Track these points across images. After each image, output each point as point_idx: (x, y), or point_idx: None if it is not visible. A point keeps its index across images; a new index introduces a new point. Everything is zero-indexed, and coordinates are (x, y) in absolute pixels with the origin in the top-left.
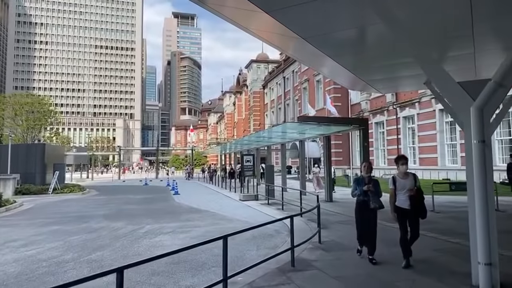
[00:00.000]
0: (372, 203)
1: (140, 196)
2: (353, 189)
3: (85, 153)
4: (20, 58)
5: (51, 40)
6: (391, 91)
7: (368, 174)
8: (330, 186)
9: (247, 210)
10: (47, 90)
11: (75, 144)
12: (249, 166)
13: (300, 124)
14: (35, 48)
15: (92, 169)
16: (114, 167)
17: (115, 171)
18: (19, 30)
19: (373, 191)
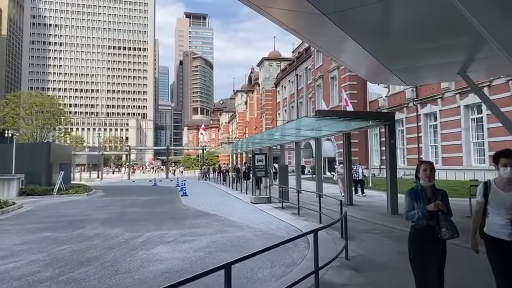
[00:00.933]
0: (444, 230)
1: (146, 198)
2: (407, 208)
3: (95, 152)
4: (35, 59)
5: (65, 41)
6: (418, 82)
7: (431, 182)
8: (351, 188)
9: (259, 215)
10: (61, 91)
11: (88, 144)
12: (261, 166)
13: (318, 119)
14: (50, 49)
15: (101, 169)
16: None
17: (124, 171)
18: (34, 31)
19: (445, 211)
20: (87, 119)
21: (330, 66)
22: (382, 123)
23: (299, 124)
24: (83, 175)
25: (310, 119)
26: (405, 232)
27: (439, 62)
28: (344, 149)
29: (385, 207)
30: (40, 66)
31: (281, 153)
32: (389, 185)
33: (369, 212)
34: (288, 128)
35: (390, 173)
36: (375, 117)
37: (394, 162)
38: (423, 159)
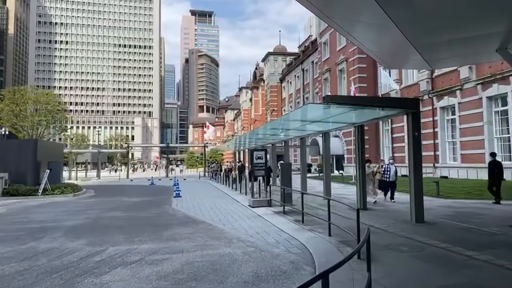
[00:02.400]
0: None
1: (135, 199)
2: None
3: (93, 150)
4: (41, 57)
5: (71, 39)
6: (445, 63)
7: None
8: (363, 189)
9: (256, 222)
10: (67, 89)
11: (94, 142)
12: (260, 164)
13: (325, 107)
14: (55, 47)
15: (99, 167)
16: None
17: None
18: (40, 30)
19: None
20: (93, 118)
21: (338, 58)
22: (403, 112)
23: (304, 114)
24: (80, 174)
25: (317, 107)
26: (441, 250)
27: (475, 34)
28: (357, 145)
29: (405, 212)
30: (46, 65)
31: (285, 150)
32: (413, 187)
33: (388, 219)
34: (292, 119)
35: (415, 172)
36: (395, 104)
37: (419, 158)
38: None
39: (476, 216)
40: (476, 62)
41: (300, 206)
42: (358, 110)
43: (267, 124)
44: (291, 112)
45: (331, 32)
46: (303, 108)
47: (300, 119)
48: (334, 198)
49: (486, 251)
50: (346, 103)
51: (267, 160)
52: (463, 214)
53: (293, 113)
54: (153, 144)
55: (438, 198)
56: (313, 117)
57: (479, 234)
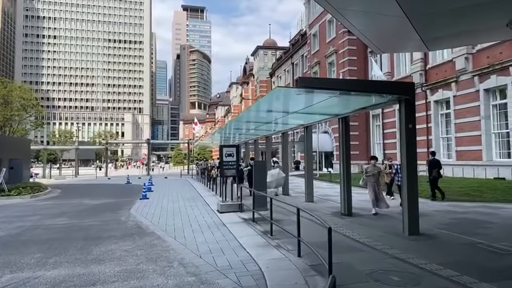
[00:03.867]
0: None
1: (96, 202)
2: None
3: (70, 147)
4: (28, 52)
5: (59, 34)
6: (443, 43)
7: None
8: (348, 190)
9: (216, 234)
10: (56, 85)
11: (83, 139)
12: (230, 162)
13: (299, 92)
14: (43, 42)
15: (76, 165)
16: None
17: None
18: (27, 24)
19: None
20: (82, 114)
21: (327, 50)
22: (394, 99)
23: (275, 100)
24: (57, 172)
25: (288, 92)
26: (444, 282)
27: (483, 1)
28: (341, 139)
29: (397, 220)
30: (33, 60)
31: (267, 146)
32: (407, 191)
33: (376, 230)
34: (263, 109)
35: (408, 173)
36: (385, 89)
37: (414, 156)
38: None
39: (482, 226)
40: (481, 41)
41: (278, 210)
42: (340, 98)
43: (238, 116)
44: (260, 100)
45: (320, 23)
46: (270, 93)
47: (272, 109)
48: (319, 199)
49: (506, 283)
50: (323, 87)
51: (239, 158)
52: (466, 222)
53: (262, 100)
54: (134, 140)
55: (433, 201)
56: (289, 106)
57: (491, 254)
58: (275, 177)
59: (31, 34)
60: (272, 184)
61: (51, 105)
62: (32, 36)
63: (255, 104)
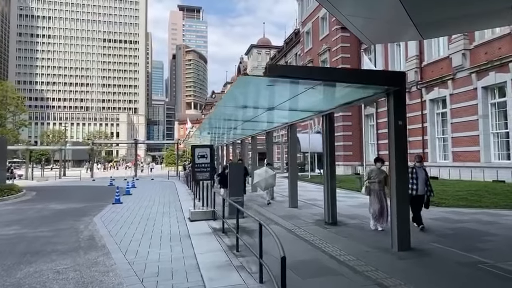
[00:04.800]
0: None
1: (63, 206)
2: None
3: (54, 147)
4: (22, 52)
5: (53, 33)
6: (441, 30)
7: None
8: (332, 196)
9: (175, 249)
10: (50, 85)
11: (78, 139)
12: (203, 164)
13: (271, 83)
14: (37, 41)
15: (61, 166)
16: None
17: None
18: (21, 23)
19: None
20: (76, 114)
21: (320, 48)
22: (382, 91)
23: (239, 95)
24: (44, 173)
25: (254, 80)
26: None
27: None
28: (325, 138)
29: (385, 230)
30: (27, 59)
31: (252, 145)
32: (396, 199)
33: (361, 243)
34: (232, 105)
35: (398, 177)
36: (370, 78)
37: (404, 157)
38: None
39: (483, 238)
40: (480, 27)
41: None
42: (319, 91)
43: (212, 113)
44: (227, 92)
45: (313, 20)
46: (237, 83)
47: (247, 105)
48: (304, 204)
49: None
50: (295, 76)
51: (213, 159)
52: (464, 234)
53: (228, 92)
54: (122, 140)
55: None
56: (264, 101)
57: (496, 279)
58: (262, 176)
59: (25, 33)
60: (261, 185)
61: (46, 105)
62: (26, 36)
63: (224, 97)
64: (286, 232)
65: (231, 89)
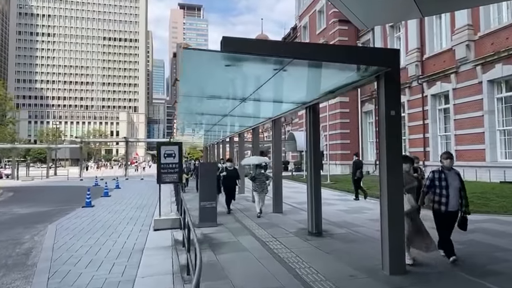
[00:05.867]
0: None
1: (27, 210)
2: None
3: (43, 145)
4: (22, 50)
5: (53, 32)
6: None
7: None
8: (316, 201)
9: (114, 270)
10: (50, 83)
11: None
12: (171, 164)
13: (230, 63)
14: (37, 40)
15: (48, 165)
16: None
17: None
18: (21, 22)
19: None
20: (76, 112)
21: (317, 41)
22: (371, 74)
23: (194, 78)
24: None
25: (207, 57)
26: None
27: None
28: (308, 132)
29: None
30: (27, 58)
31: (239, 143)
32: (388, 206)
33: (346, 262)
34: (194, 94)
35: (390, 177)
36: (357, 57)
37: (397, 155)
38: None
39: (496, 255)
40: (487, 2)
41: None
42: (293, 75)
43: (179, 105)
44: (181, 74)
45: (310, 14)
46: (184, 62)
47: (214, 94)
48: (291, 208)
49: None
50: (257, 52)
51: (181, 159)
52: (472, 249)
53: (182, 74)
54: (113, 139)
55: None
56: (228, 87)
57: None
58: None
59: (24, 31)
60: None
61: (45, 104)
62: (26, 34)
63: (180, 80)
64: (259, 245)
65: (183, 68)
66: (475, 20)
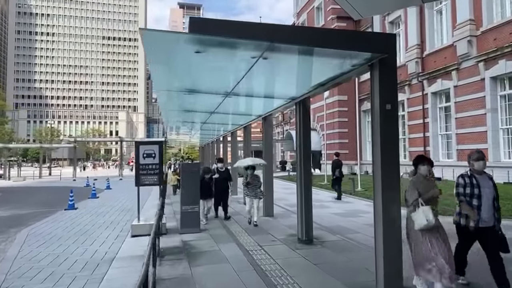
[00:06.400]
0: None
1: (5, 214)
2: None
3: (35, 145)
4: (21, 49)
5: (52, 31)
6: None
7: None
8: (306, 204)
9: (76, 286)
10: (49, 83)
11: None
12: (150, 165)
13: (201, 49)
14: (36, 39)
15: (41, 165)
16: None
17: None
18: (20, 21)
19: None
20: (75, 112)
21: None
22: (365, 62)
23: (156, 66)
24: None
25: (166, 38)
26: None
27: None
28: (298, 132)
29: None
30: (26, 57)
31: (232, 142)
32: (383, 215)
33: (335, 279)
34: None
35: (384, 181)
36: (346, 42)
37: (394, 154)
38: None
39: None
40: None
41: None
42: (276, 65)
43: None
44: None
45: (308, 11)
46: (144, 45)
47: (192, 88)
48: (283, 211)
49: None
50: (229, 33)
51: (162, 160)
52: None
53: (148, 61)
54: (107, 138)
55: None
56: (210, 82)
57: None
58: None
59: (23, 31)
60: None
61: (44, 103)
62: (25, 33)
63: (150, 68)
64: (242, 254)
65: (147, 54)
66: (477, 15)
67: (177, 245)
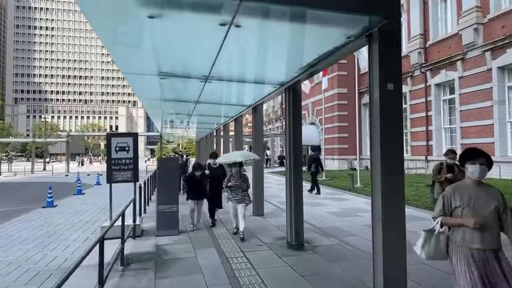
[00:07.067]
0: None
1: None
2: None
3: (28, 139)
4: (20, 44)
5: (52, 25)
6: None
7: None
8: (296, 205)
9: None
10: (48, 77)
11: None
12: (123, 160)
13: (153, 14)
14: (35, 33)
15: (33, 160)
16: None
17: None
18: (19, 15)
19: None
20: (75, 107)
21: None
22: (362, 30)
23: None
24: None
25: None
26: None
27: None
28: (288, 122)
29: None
30: (25, 51)
31: (225, 138)
32: (382, 214)
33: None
34: (145, 72)
35: (383, 174)
36: (344, 1)
37: (397, 143)
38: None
39: None
40: None
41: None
42: (251, 31)
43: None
44: None
45: None
46: None
47: (160, 71)
48: (276, 210)
49: None
50: None
51: (137, 154)
52: None
53: None
54: (98, 133)
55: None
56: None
57: None
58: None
59: (22, 25)
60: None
61: (44, 98)
62: (24, 28)
63: None
64: (219, 263)
65: None
66: (484, 2)
67: (149, 250)
